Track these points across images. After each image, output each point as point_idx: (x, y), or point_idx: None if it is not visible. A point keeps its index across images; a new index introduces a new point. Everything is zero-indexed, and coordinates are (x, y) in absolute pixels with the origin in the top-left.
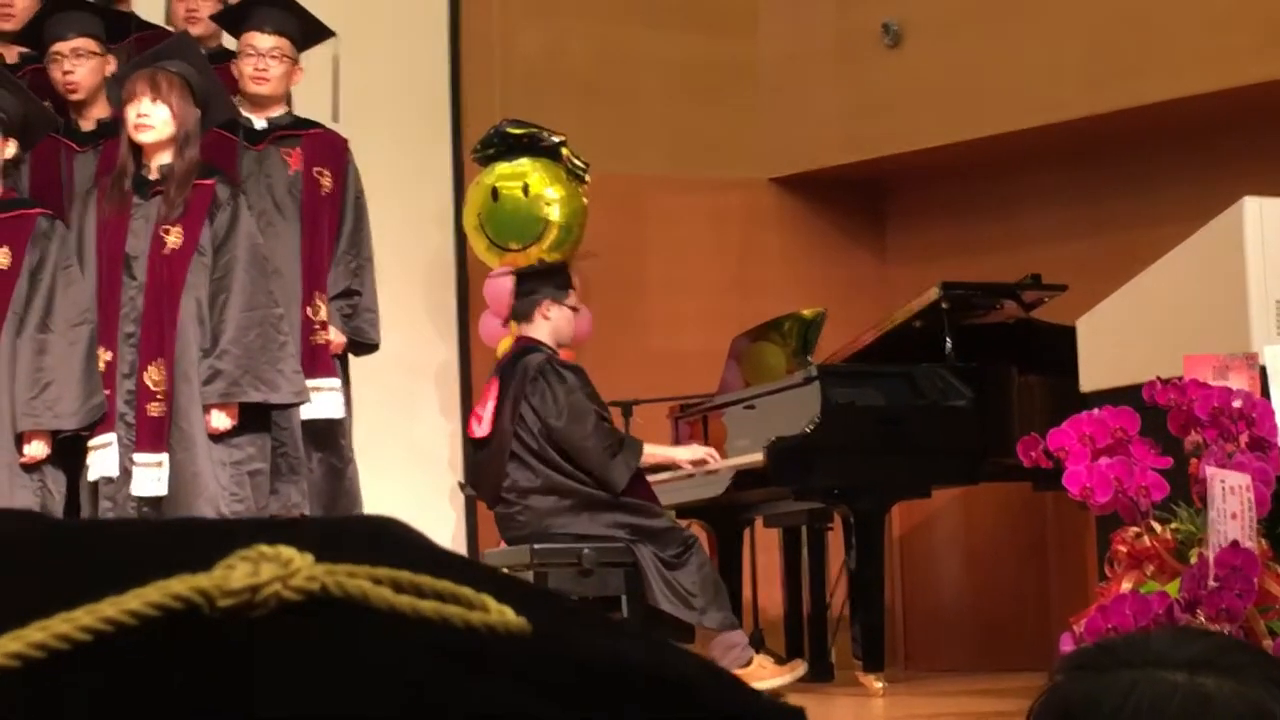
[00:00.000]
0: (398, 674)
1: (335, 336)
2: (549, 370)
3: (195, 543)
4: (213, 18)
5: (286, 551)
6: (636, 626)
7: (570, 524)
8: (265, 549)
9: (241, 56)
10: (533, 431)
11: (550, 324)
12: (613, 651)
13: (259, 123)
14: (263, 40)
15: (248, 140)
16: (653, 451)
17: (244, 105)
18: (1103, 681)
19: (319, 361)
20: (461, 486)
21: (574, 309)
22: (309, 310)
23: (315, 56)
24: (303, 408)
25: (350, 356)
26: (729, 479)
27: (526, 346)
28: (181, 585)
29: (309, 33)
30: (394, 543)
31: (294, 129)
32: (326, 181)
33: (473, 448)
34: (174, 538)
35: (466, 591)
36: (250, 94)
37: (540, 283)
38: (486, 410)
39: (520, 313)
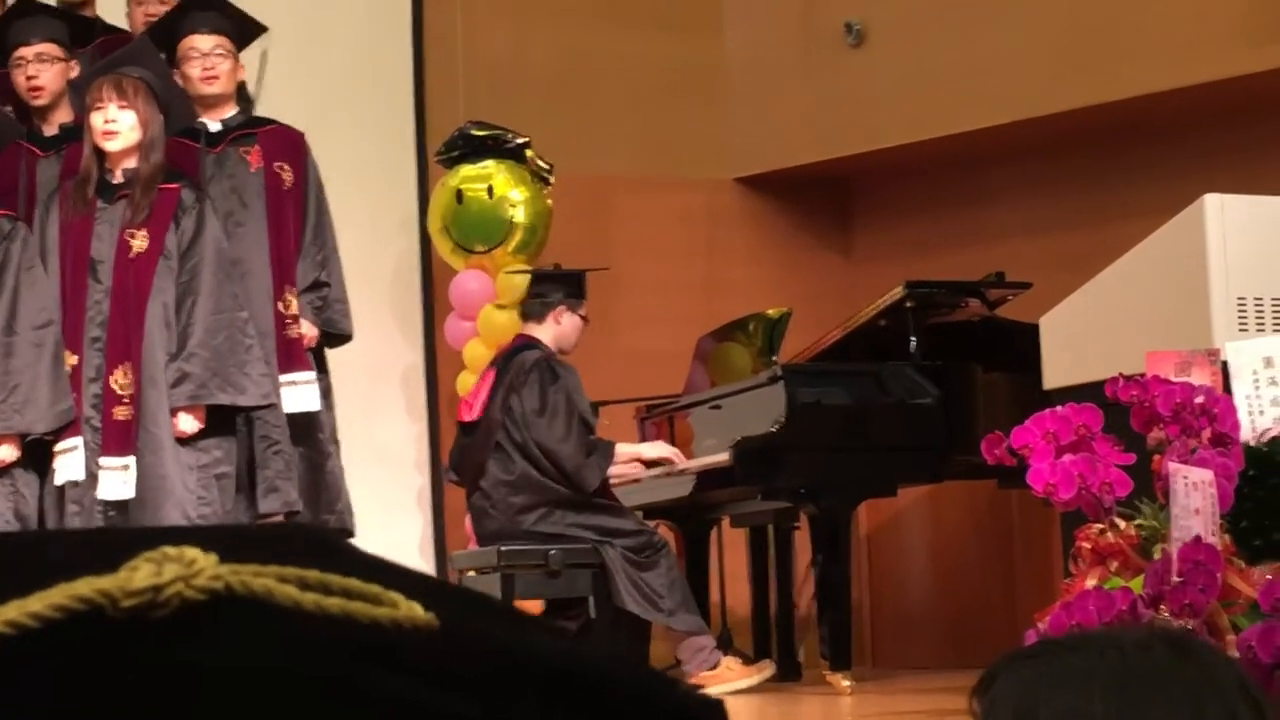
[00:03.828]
0: (301, 669)
1: (308, 330)
2: (543, 367)
3: (102, 547)
4: (147, 34)
5: (190, 552)
6: (549, 622)
7: (539, 523)
8: (170, 550)
9: (185, 61)
10: (518, 425)
11: (559, 329)
12: (521, 645)
13: (213, 125)
14: (204, 41)
15: (205, 144)
16: (621, 451)
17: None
18: (1060, 663)
19: (293, 356)
20: (445, 472)
21: (584, 319)
22: (280, 305)
23: (277, 58)
24: (281, 402)
25: (325, 349)
26: (695, 479)
27: (527, 343)
28: (84, 587)
29: (243, 29)
30: (303, 544)
31: (249, 127)
32: (288, 176)
33: (460, 433)
34: (81, 544)
35: (374, 588)
36: (201, 95)
37: (557, 287)
38: (479, 398)
39: (530, 312)
